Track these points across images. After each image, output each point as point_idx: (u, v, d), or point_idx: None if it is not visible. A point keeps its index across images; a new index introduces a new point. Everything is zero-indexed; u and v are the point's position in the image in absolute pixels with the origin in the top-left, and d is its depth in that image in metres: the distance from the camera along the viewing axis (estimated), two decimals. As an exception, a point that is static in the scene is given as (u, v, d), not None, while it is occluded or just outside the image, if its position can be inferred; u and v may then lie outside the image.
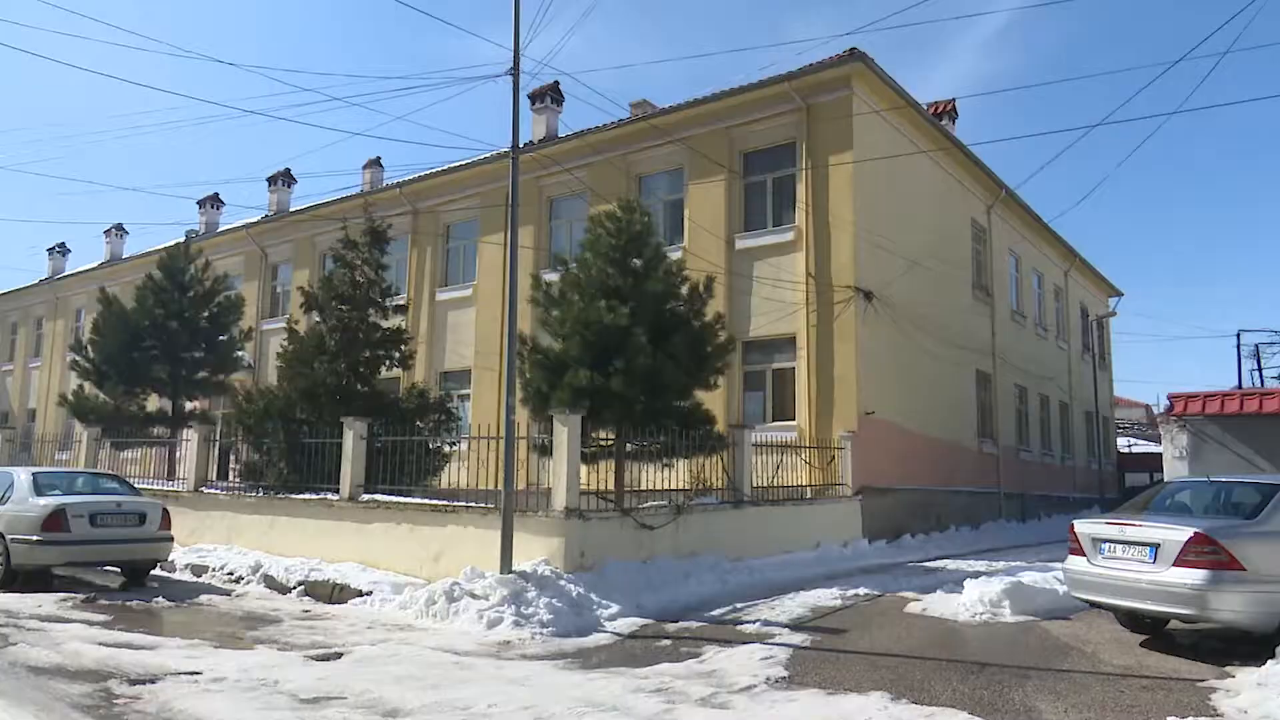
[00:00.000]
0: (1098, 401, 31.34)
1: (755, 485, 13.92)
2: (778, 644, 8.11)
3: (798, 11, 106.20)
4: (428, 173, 23.37)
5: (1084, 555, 8.14)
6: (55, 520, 11.16)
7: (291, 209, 28.61)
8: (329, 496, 13.08)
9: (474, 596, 9.46)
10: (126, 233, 35.58)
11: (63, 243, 38.12)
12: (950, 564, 14.36)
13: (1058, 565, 10.03)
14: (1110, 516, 8.44)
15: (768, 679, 6.75)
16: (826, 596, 10.64)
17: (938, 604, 9.98)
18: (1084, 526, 8.30)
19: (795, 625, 9.06)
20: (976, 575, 11.20)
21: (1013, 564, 13.64)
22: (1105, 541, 7.97)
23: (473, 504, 11.60)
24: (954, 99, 24.02)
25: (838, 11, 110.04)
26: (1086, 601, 8.36)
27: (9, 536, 11.20)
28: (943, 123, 22.06)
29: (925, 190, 20.32)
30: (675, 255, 15.78)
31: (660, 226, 18.10)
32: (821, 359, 16.96)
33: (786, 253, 17.82)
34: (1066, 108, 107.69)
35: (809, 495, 15.42)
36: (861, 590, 11.13)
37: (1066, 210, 45.26)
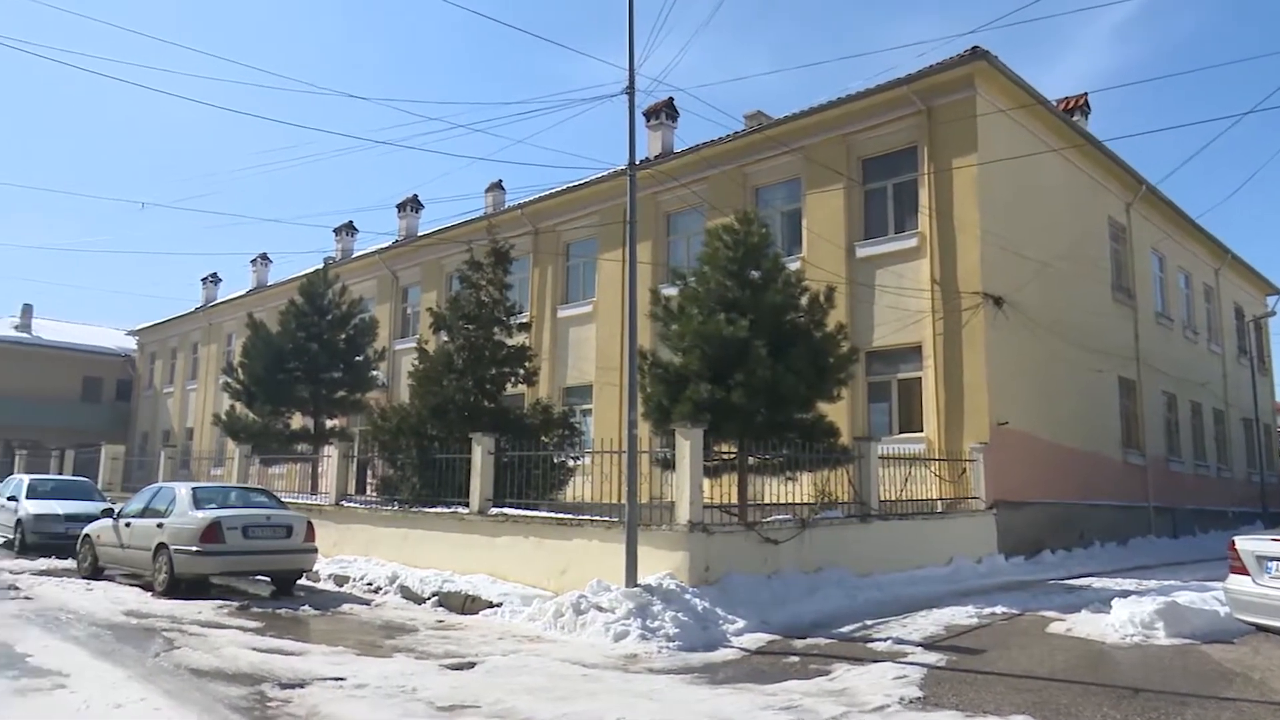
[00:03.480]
0: (1257, 408, 29.12)
1: (882, 499, 13.57)
2: (911, 663, 7.86)
3: (910, 15, 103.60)
4: (547, 193, 23.92)
5: (1247, 574, 7.60)
6: (212, 532, 11.95)
7: (420, 233, 29.79)
8: (459, 510, 13.51)
9: (600, 609, 9.56)
10: (271, 261, 37.84)
11: (215, 273, 41.00)
12: (1095, 582, 13.59)
13: (1216, 584, 9.37)
14: (1276, 533, 7.85)
15: (902, 699, 6.55)
16: (961, 614, 10.26)
17: (1083, 624, 9.48)
18: (1246, 543, 7.75)
19: (929, 644, 8.76)
20: (1125, 594, 10.57)
21: (1165, 583, 12.80)
22: (1272, 559, 7.41)
23: (597, 518, 11.76)
24: (1085, 94, 22.91)
25: (951, 13, 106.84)
26: (1251, 624, 7.79)
27: (172, 547, 12.06)
28: (1074, 119, 21.06)
29: (1057, 190, 19.42)
30: (794, 266, 15.61)
31: (778, 237, 17.95)
32: (949, 368, 16.40)
33: (910, 260, 17.36)
34: (1207, 96, 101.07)
35: (940, 509, 14.93)
36: (999, 608, 10.67)
37: (1216, 205, 42.34)
